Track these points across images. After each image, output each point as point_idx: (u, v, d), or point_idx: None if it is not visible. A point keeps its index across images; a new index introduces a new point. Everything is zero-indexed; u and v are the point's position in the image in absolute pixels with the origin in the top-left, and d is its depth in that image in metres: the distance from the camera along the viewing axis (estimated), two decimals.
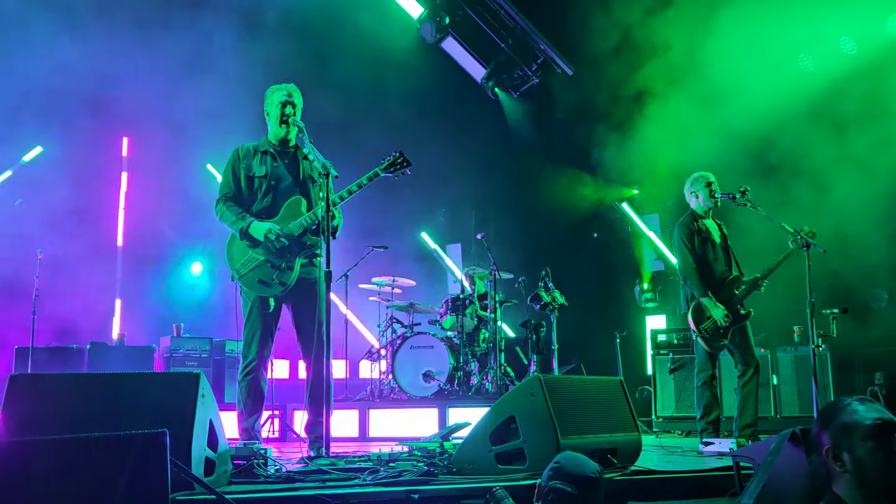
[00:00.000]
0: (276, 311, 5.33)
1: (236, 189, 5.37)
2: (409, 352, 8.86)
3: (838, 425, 2.34)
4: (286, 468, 4.24)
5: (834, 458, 2.32)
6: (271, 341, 5.36)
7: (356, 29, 10.67)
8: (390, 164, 5.36)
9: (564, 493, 2.79)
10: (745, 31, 8.69)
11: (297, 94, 5.40)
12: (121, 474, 2.35)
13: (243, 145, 5.46)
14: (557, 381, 4.39)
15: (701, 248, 6.50)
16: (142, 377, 3.60)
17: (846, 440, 2.31)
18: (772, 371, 8.50)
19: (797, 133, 8.98)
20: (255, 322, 5.26)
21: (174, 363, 9.32)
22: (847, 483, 2.30)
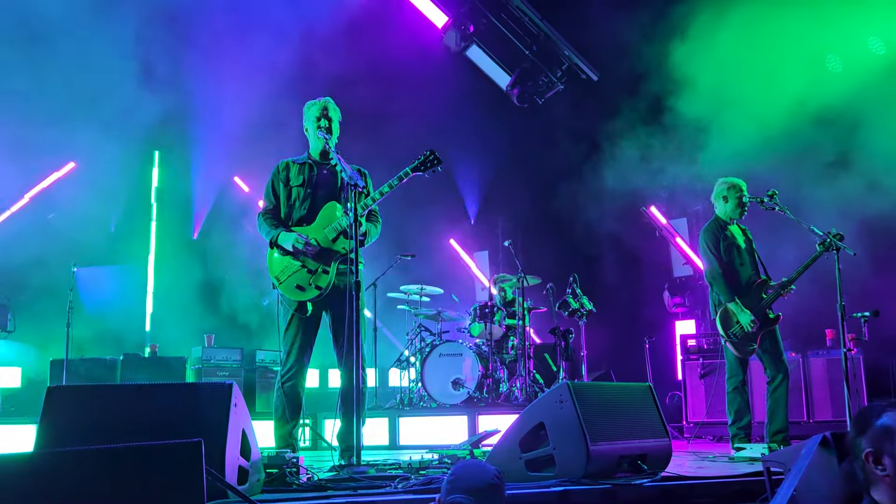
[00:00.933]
0: (315, 318, 5.41)
1: (276, 202, 5.52)
2: (438, 359, 8.90)
3: (878, 429, 2.32)
4: (318, 476, 4.28)
5: (874, 463, 2.30)
6: (310, 349, 5.44)
7: (385, 35, 10.75)
8: (421, 163, 5.39)
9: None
10: (774, 32, 8.63)
11: (332, 108, 5.54)
12: (157, 484, 2.39)
13: (283, 160, 5.61)
14: (586, 388, 4.40)
15: (727, 254, 6.48)
16: (176, 388, 3.67)
17: (887, 444, 2.29)
18: (802, 375, 8.43)
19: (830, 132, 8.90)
20: (294, 329, 5.36)
21: (206, 374, 9.42)
22: (888, 487, 2.28)
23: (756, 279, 6.45)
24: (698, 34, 9.12)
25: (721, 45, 8.88)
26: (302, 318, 5.34)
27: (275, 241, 5.35)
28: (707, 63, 9.07)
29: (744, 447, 6.06)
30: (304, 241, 5.25)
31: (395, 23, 11.09)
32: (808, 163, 8.93)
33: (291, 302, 5.35)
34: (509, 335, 9.33)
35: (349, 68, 10.70)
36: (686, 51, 9.25)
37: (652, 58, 9.75)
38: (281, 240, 5.33)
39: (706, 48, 9.03)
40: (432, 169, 5.41)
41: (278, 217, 5.49)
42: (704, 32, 9.05)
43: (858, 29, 8.99)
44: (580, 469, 4.01)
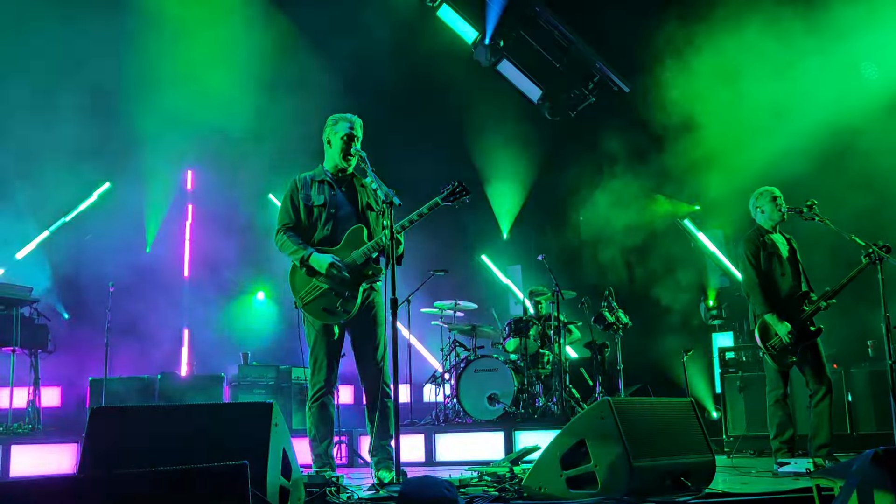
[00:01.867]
0: (340, 338, 5.39)
1: (296, 219, 5.42)
2: (474, 375, 8.86)
3: None
4: (358, 495, 4.27)
5: None
6: (337, 367, 5.42)
7: (413, 49, 10.80)
8: (450, 194, 5.39)
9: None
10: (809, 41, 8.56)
11: (359, 126, 5.46)
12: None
13: (300, 175, 5.52)
14: (627, 404, 4.35)
15: (767, 264, 6.39)
16: (217, 408, 3.68)
17: None
18: (846, 388, 8.28)
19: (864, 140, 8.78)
20: (320, 349, 5.32)
21: (242, 391, 9.46)
22: None
23: (797, 290, 6.35)
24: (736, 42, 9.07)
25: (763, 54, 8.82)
26: (328, 340, 5.31)
27: (306, 261, 5.25)
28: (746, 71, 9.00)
29: (788, 462, 5.94)
30: (340, 268, 5.20)
31: (427, 38, 11.14)
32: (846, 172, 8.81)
33: (316, 324, 5.31)
34: (545, 350, 9.27)
35: (382, 84, 10.78)
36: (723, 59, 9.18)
37: (684, 67, 9.69)
38: (314, 261, 5.24)
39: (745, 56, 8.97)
40: (461, 200, 5.42)
41: (302, 235, 5.40)
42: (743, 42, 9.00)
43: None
44: (623, 486, 3.96)
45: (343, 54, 10.76)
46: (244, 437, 3.42)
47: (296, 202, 5.43)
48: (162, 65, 10.02)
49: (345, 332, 5.43)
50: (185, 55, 10.01)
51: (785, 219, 6.49)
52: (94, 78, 9.97)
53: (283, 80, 10.58)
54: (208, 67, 10.19)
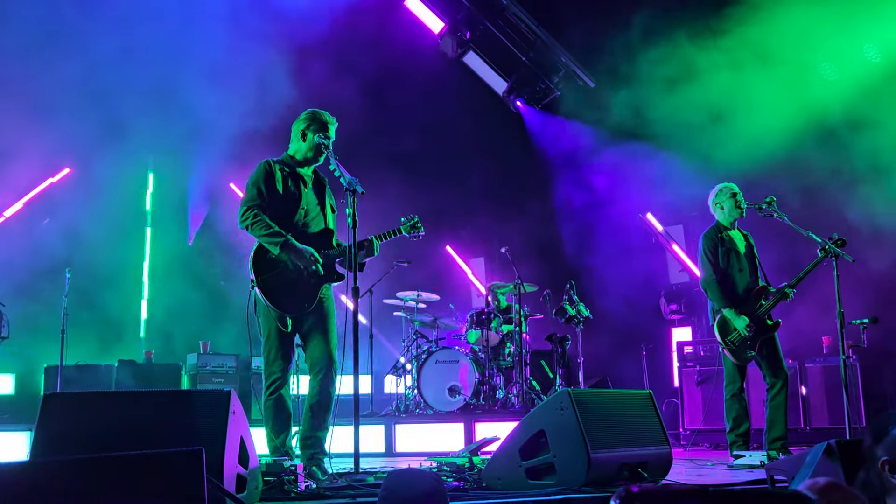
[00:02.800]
0: (293, 330, 5.30)
1: (268, 199, 5.25)
2: (435, 366, 8.87)
3: (894, 438, 2.29)
4: (316, 485, 4.25)
5: (891, 471, 2.27)
6: (293, 357, 5.35)
7: (376, 43, 10.74)
8: (411, 227, 5.58)
9: None
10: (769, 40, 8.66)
11: (334, 127, 5.42)
12: (157, 493, 2.36)
13: (270, 160, 5.39)
14: (587, 395, 4.38)
15: (724, 260, 6.47)
16: (174, 395, 3.64)
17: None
18: (800, 382, 8.42)
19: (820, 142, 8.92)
20: (275, 340, 5.19)
21: (201, 380, 9.38)
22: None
23: (754, 285, 6.44)
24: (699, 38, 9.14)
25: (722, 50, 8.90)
26: (289, 331, 5.20)
27: (286, 245, 5.09)
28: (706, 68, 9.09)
29: (742, 454, 6.04)
30: (319, 263, 5.15)
31: (391, 29, 11.09)
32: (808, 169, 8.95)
33: (272, 312, 5.15)
34: (506, 342, 9.30)
35: (345, 75, 10.69)
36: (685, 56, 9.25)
37: (647, 62, 9.75)
38: (294, 247, 5.13)
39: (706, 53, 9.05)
40: (415, 235, 5.58)
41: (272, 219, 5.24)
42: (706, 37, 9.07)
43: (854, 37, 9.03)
44: (581, 477, 3.99)
45: (308, 43, 10.66)
46: (201, 425, 3.37)
47: (269, 184, 5.27)
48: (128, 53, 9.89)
49: (296, 325, 5.31)
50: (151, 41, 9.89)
51: (744, 215, 6.57)
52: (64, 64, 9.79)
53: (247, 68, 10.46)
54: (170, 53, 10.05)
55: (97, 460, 2.39)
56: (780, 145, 8.77)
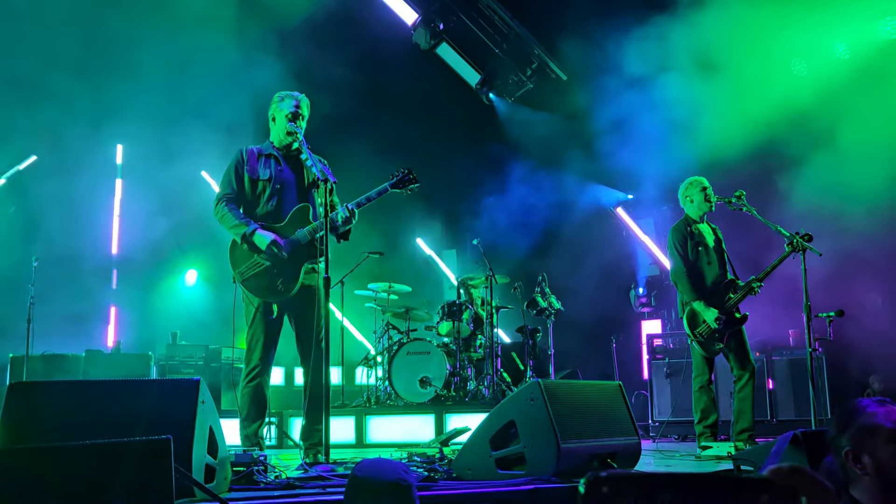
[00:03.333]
0: (279, 317, 5.32)
1: (238, 190, 5.33)
2: (406, 358, 8.86)
3: (858, 428, 2.31)
4: (286, 475, 4.24)
5: (854, 461, 2.29)
6: (274, 347, 5.34)
7: (350, 33, 10.69)
8: (399, 181, 5.38)
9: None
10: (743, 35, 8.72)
11: (305, 105, 5.42)
12: (125, 481, 2.34)
13: (244, 148, 5.43)
14: (557, 386, 4.39)
15: (694, 253, 6.52)
16: (142, 384, 3.59)
17: (867, 443, 2.28)
18: (767, 375, 8.52)
19: (790, 137, 9.02)
20: (257, 328, 5.24)
21: (170, 370, 9.31)
22: (867, 486, 2.27)
23: (723, 279, 6.50)
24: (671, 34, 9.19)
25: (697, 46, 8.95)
26: (266, 319, 5.24)
27: (248, 237, 5.17)
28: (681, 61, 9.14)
29: (710, 446, 6.11)
30: (281, 247, 5.14)
31: (364, 22, 11.03)
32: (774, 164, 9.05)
33: (254, 300, 5.23)
34: (477, 334, 9.32)
35: (317, 66, 10.63)
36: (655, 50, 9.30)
37: (619, 57, 9.79)
38: (256, 238, 5.15)
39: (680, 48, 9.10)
40: (409, 187, 5.41)
41: (244, 208, 5.34)
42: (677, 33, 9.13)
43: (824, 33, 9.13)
44: (550, 467, 4.01)
45: (282, 34, 10.58)
46: (169, 414, 3.34)
47: (240, 173, 5.34)
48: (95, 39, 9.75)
49: (284, 313, 5.35)
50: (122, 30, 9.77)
51: (713, 209, 6.63)
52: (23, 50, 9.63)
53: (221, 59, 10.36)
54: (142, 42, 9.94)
55: (63, 449, 2.36)
56: (750, 139, 8.85)
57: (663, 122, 9.43)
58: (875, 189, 8.27)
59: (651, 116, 9.56)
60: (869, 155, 8.32)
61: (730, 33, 8.80)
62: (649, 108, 9.53)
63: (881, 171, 8.24)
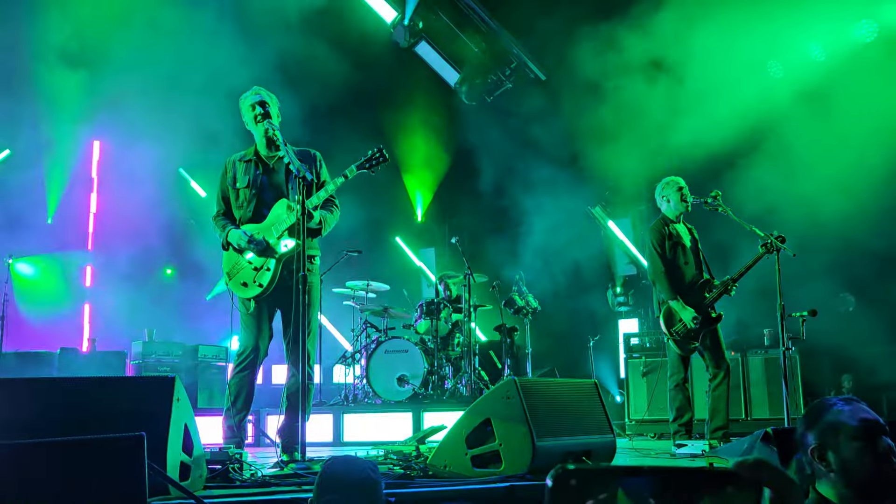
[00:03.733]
0: (268, 314, 5.41)
1: (225, 206, 5.51)
2: (384, 356, 8.85)
3: (824, 425, 2.32)
4: (261, 472, 4.23)
5: (819, 458, 2.31)
6: (263, 341, 5.40)
7: (329, 31, 10.65)
8: (367, 160, 5.36)
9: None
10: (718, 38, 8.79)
11: (265, 94, 5.42)
12: (97, 478, 2.33)
13: (230, 157, 5.55)
14: (532, 384, 4.41)
15: (671, 253, 6.57)
16: (117, 381, 3.59)
17: (832, 440, 2.29)
18: (742, 374, 8.59)
19: (765, 138, 9.10)
20: (244, 322, 5.42)
21: (146, 368, 9.24)
22: (832, 483, 2.29)
23: (699, 278, 6.55)
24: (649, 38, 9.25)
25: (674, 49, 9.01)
26: (250, 313, 5.33)
27: (225, 241, 5.39)
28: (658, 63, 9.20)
29: (685, 444, 6.15)
30: (247, 238, 5.25)
31: (344, 18, 11.00)
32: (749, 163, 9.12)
33: (242, 297, 5.39)
34: (455, 332, 9.33)
35: (296, 63, 10.59)
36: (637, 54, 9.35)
37: (596, 57, 9.83)
38: (231, 237, 5.34)
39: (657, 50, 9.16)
40: (378, 166, 5.39)
41: (231, 219, 5.47)
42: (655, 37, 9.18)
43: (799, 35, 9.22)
44: (526, 465, 4.02)
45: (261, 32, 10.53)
46: (144, 411, 3.33)
47: (224, 188, 5.52)
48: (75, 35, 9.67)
49: (274, 310, 5.43)
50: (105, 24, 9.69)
51: (690, 209, 6.68)
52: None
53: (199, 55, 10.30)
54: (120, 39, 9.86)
55: (35, 445, 2.35)
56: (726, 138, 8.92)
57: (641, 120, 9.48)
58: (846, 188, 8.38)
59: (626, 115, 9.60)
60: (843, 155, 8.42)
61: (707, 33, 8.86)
62: (626, 107, 9.58)
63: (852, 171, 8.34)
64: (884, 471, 2.23)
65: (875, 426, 2.28)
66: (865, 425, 2.28)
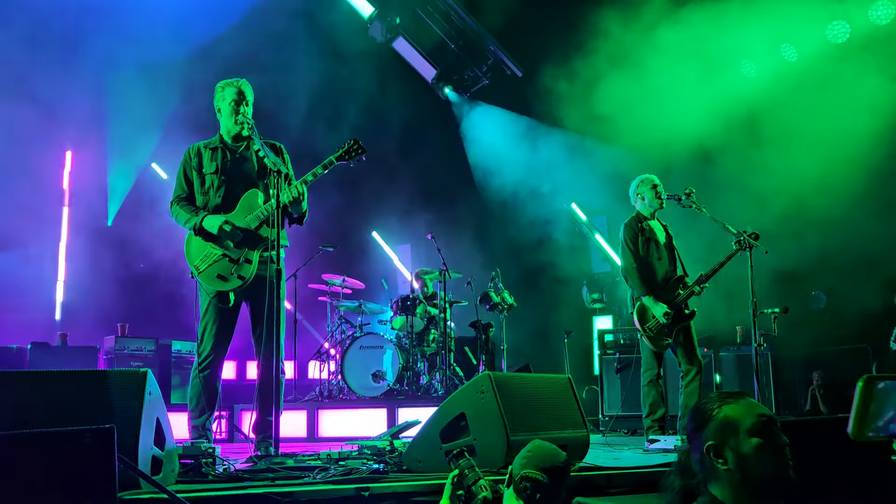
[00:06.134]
0: (235, 308, 5.27)
1: (189, 190, 5.33)
2: (359, 352, 8.84)
3: (719, 422, 2.25)
4: (234, 467, 4.21)
5: (716, 456, 2.23)
6: (228, 339, 5.28)
7: (306, 26, 10.61)
8: (345, 152, 5.33)
9: (536, 481, 2.83)
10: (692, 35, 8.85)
11: (247, 89, 5.35)
12: (66, 472, 2.30)
13: (194, 145, 5.39)
14: (507, 379, 4.42)
15: (644, 249, 6.61)
16: (87, 375, 3.53)
17: (730, 437, 2.22)
18: (714, 370, 8.66)
19: (739, 138, 9.18)
20: (210, 317, 5.20)
21: (118, 363, 9.15)
22: (727, 482, 2.22)
23: (672, 275, 6.60)
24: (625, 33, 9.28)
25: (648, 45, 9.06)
26: (221, 308, 5.20)
27: (199, 226, 5.17)
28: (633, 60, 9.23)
29: (658, 439, 6.18)
30: (231, 226, 5.12)
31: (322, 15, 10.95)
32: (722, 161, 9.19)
33: (210, 291, 5.19)
34: (430, 328, 9.33)
35: (276, 58, 10.53)
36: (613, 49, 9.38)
37: (573, 55, 9.86)
38: (206, 223, 5.15)
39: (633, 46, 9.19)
40: (356, 158, 5.36)
41: (194, 204, 5.31)
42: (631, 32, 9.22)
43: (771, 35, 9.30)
44: (500, 459, 4.03)
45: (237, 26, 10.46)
46: (115, 406, 3.30)
47: (188, 173, 5.34)
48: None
49: (240, 303, 5.31)
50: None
51: (664, 206, 6.73)
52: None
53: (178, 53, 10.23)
54: None
55: (3, 437, 2.32)
56: (699, 137, 8.98)
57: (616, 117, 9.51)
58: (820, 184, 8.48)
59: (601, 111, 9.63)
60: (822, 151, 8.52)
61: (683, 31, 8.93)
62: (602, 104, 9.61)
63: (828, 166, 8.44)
64: (781, 465, 2.19)
65: (771, 422, 2.23)
66: (763, 420, 2.23)
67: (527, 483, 2.83)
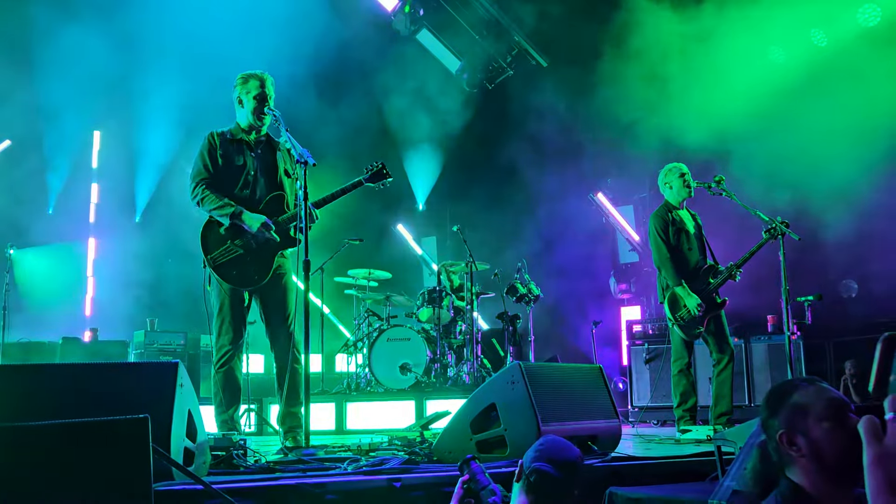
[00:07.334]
0: (249, 303, 5.27)
1: (214, 173, 5.20)
2: (386, 344, 8.83)
3: (790, 408, 2.24)
4: (265, 459, 4.21)
5: (789, 443, 2.23)
6: (244, 331, 5.27)
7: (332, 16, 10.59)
8: (374, 175, 5.35)
9: (547, 475, 2.75)
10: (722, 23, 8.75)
11: (270, 84, 5.30)
12: (103, 461, 2.30)
13: (215, 131, 5.30)
14: (538, 369, 4.40)
15: (675, 239, 6.54)
16: (120, 367, 3.57)
17: (801, 423, 2.21)
18: (745, 360, 8.57)
19: (768, 122, 9.06)
20: (227, 312, 5.16)
21: (148, 357, 9.21)
22: (804, 468, 2.21)
23: (703, 264, 6.53)
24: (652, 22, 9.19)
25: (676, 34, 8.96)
26: (234, 303, 5.16)
27: (237, 216, 5.04)
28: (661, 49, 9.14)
29: (689, 429, 6.13)
30: (272, 228, 5.08)
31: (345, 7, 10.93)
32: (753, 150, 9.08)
33: (225, 286, 5.14)
34: (457, 320, 9.31)
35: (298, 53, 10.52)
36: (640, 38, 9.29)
37: (601, 43, 9.78)
38: (246, 218, 5.05)
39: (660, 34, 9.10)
40: (382, 182, 5.39)
41: (221, 191, 5.17)
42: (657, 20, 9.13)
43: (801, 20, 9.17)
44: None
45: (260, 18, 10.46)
46: (147, 397, 3.30)
47: (214, 157, 5.22)
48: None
49: (253, 300, 5.30)
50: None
51: (692, 195, 6.66)
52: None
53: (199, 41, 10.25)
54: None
55: (40, 428, 2.32)
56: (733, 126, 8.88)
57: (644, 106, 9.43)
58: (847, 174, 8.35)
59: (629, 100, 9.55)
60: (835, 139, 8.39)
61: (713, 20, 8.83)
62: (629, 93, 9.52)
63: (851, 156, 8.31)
64: (855, 449, 2.16)
65: (843, 403, 2.21)
66: (833, 404, 2.21)
67: (536, 476, 2.75)
